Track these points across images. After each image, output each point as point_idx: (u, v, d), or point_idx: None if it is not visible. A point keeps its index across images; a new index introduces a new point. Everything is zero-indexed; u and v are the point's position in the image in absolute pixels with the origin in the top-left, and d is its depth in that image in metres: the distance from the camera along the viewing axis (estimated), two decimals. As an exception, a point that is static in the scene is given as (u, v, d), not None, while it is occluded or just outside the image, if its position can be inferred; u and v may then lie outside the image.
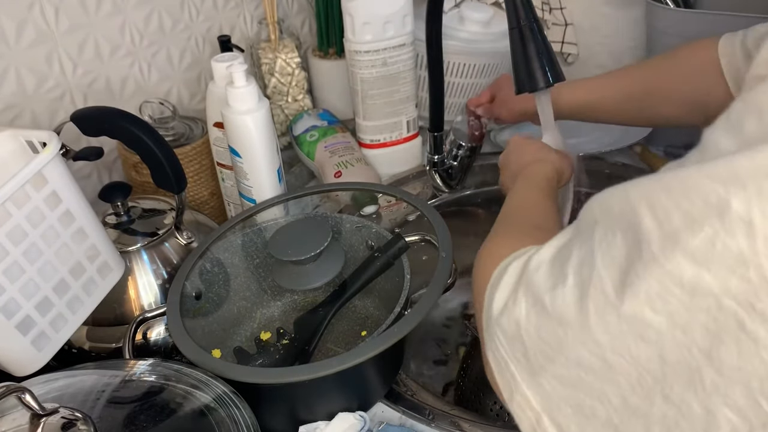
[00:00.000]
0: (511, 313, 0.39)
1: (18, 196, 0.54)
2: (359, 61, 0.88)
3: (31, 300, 0.57)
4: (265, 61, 0.99)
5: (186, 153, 0.82)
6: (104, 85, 0.86)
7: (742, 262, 0.28)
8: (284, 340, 0.67)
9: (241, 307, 0.74)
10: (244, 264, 0.74)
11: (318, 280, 0.68)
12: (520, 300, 0.38)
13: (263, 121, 0.73)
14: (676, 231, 0.30)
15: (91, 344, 0.68)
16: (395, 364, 0.67)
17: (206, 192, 0.88)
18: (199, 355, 0.57)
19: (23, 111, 0.78)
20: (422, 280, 0.72)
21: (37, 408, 0.46)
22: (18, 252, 0.55)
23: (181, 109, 0.94)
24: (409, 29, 0.88)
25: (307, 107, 1.04)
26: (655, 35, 0.92)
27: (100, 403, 0.53)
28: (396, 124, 0.95)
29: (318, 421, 0.60)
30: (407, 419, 0.62)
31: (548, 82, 0.64)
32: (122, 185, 0.72)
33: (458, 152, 0.89)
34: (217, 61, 0.77)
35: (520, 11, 0.63)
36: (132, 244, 0.70)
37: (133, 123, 0.65)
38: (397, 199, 0.87)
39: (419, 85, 0.98)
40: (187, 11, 0.94)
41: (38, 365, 0.58)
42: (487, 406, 0.73)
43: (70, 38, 0.80)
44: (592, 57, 1.11)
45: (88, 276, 0.62)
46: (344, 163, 0.89)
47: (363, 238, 0.73)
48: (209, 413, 0.52)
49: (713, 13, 0.85)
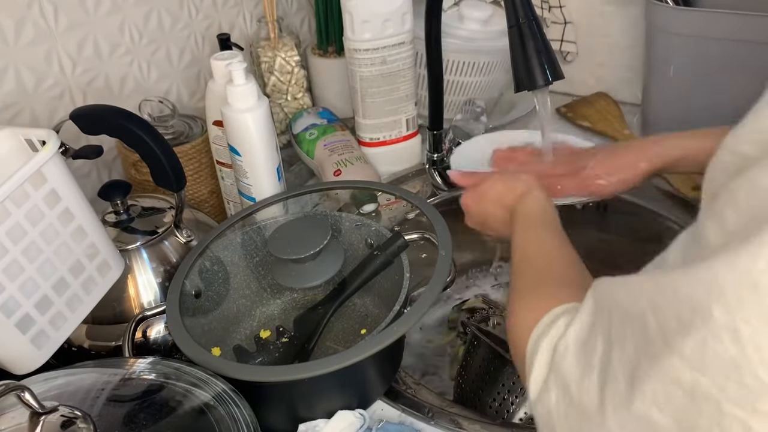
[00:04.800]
0: (544, 402, 0.40)
1: (17, 195, 0.54)
2: (358, 60, 0.88)
3: (30, 298, 0.57)
4: (264, 59, 0.99)
5: (185, 151, 0.82)
6: (104, 84, 0.86)
7: (735, 367, 0.28)
8: (284, 338, 0.67)
9: (240, 306, 0.74)
10: (243, 262, 0.74)
11: (317, 279, 0.68)
12: (551, 388, 0.40)
13: (263, 119, 0.73)
14: (672, 334, 0.30)
15: (91, 342, 0.68)
16: (395, 362, 0.67)
17: (206, 190, 0.88)
18: (198, 353, 0.57)
19: (22, 109, 0.78)
20: (422, 278, 0.73)
21: (36, 406, 0.46)
22: (17, 250, 0.55)
23: (181, 108, 0.94)
24: (408, 27, 0.88)
25: (306, 105, 1.04)
26: (654, 34, 0.92)
27: (100, 401, 0.53)
28: (395, 122, 0.95)
29: (317, 419, 0.60)
30: (407, 417, 0.62)
31: (547, 80, 0.64)
32: (122, 184, 0.72)
33: (458, 151, 0.89)
34: (217, 60, 0.77)
35: (519, 9, 0.63)
36: (131, 242, 0.70)
37: (133, 121, 0.65)
38: (397, 197, 0.87)
39: (419, 84, 0.98)
40: (186, 10, 0.93)
41: (38, 363, 0.58)
42: (486, 404, 0.73)
43: (70, 37, 0.80)
44: (591, 55, 1.11)
45: (87, 274, 0.62)
46: (344, 162, 0.89)
47: (362, 237, 0.73)
48: (209, 411, 0.52)
49: (713, 12, 0.85)
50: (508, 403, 0.71)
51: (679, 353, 0.30)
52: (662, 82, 0.94)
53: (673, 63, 0.91)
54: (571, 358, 0.39)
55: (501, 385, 0.72)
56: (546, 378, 0.41)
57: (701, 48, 0.87)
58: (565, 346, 0.39)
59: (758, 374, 0.27)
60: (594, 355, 0.36)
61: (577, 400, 0.37)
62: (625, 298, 0.34)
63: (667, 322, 0.30)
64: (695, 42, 0.87)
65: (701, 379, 0.29)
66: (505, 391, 0.71)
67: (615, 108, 1.07)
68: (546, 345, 0.42)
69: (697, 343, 0.29)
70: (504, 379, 0.72)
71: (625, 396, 0.33)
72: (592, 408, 0.35)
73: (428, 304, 0.57)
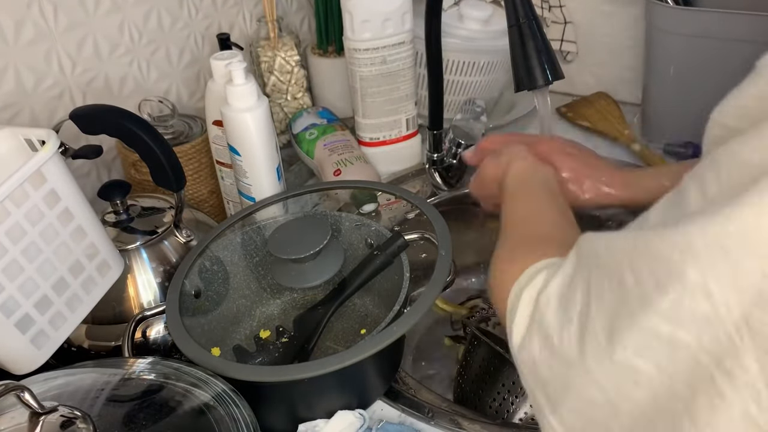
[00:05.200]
0: (527, 350, 0.41)
1: (17, 195, 0.54)
2: (358, 59, 0.88)
3: (30, 298, 0.57)
4: (264, 59, 0.99)
5: (185, 151, 0.82)
6: (103, 84, 0.86)
7: (709, 323, 0.29)
8: (284, 338, 0.67)
9: (240, 306, 0.74)
10: (243, 262, 0.74)
11: (317, 279, 0.68)
12: (534, 337, 0.41)
13: (262, 119, 0.73)
14: (649, 292, 0.32)
15: (91, 342, 0.68)
16: (395, 362, 0.67)
17: (205, 190, 0.88)
18: (198, 353, 0.57)
19: (22, 109, 0.78)
20: (422, 278, 0.72)
21: (36, 406, 0.46)
22: (17, 250, 0.55)
23: (181, 108, 0.94)
24: (408, 27, 0.88)
25: (306, 105, 1.04)
26: (654, 33, 0.92)
27: (100, 401, 0.53)
28: (395, 122, 0.95)
29: (317, 419, 0.60)
30: (407, 417, 0.62)
31: (547, 79, 0.64)
32: (121, 183, 0.72)
33: (458, 150, 0.90)
34: (217, 59, 0.77)
35: (519, 9, 0.63)
36: (131, 242, 0.70)
37: (132, 121, 0.64)
38: (397, 197, 0.87)
39: (418, 83, 0.98)
40: (186, 9, 0.93)
41: (37, 363, 0.58)
42: (486, 404, 0.73)
43: (69, 36, 0.80)
44: (591, 55, 1.11)
45: (87, 274, 0.62)
46: (343, 162, 0.89)
47: (362, 237, 0.73)
48: (208, 411, 0.52)
49: (713, 12, 0.85)
50: (508, 403, 0.71)
51: (655, 309, 0.31)
52: (662, 82, 0.94)
53: (673, 63, 0.91)
54: (552, 309, 0.40)
55: (501, 385, 0.72)
56: (528, 327, 0.42)
57: (701, 48, 0.87)
58: (547, 298, 0.41)
59: (729, 332, 0.29)
60: (573, 306, 0.38)
61: (557, 349, 0.38)
62: (605, 254, 0.36)
63: (644, 279, 0.32)
64: (695, 42, 0.87)
65: (679, 332, 0.31)
66: (505, 391, 0.71)
67: (615, 108, 1.07)
68: (528, 296, 0.43)
69: (673, 301, 0.31)
70: (504, 379, 0.72)
71: (605, 347, 0.34)
72: (573, 357, 0.37)
73: (428, 304, 0.57)
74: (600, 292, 0.35)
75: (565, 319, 0.38)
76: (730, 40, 0.84)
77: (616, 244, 0.35)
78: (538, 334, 0.41)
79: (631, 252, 0.33)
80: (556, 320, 0.39)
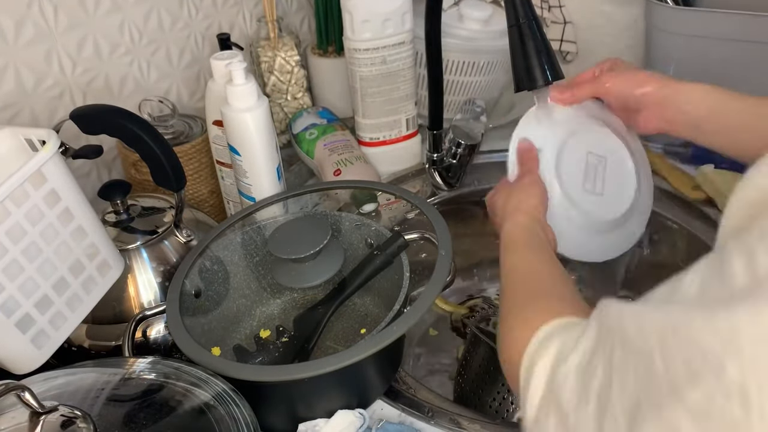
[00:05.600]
0: (542, 426, 0.40)
1: (17, 195, 0.54)
2: (358, 59, 0.88)
3: (30, 298, 0.57)
4: (264, 59, 0.99)
5: (185, 151, 0.82)
6: (103, 84, 0.86)
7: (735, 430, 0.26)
8: (284, 337, 0.67)
9: (240, 305, 0.74)
10: (243, 262, 0.74)
11: (317, 278, 0.68)
12: (550, 415, 0.39)
13: (262, 119, 0.73)
14: (679, 381, 0.28)
15: (91, 342, 0.68)
16: (395, 361, 0.67)
17: (206, 190, 0.88)
18: (198, 353, 0.57)
19: (22, 109, 0.78)
20: (421, 277, 0.73)
21: (36, 406, 0.46)
22: (17, 250, 0.55)
23: (181, 108, 0.94)
24: (408, 27, 0.88)
25: (306, 105, 1.04)
26: (654, 34, 0.92)
27: (100, 401, 0.53)
28: (395, 122, 0.95)
29: (317, 419, 0.60)
30: (407, 417, 0.62)
31: (547, 80, 0.64)
32: (121, 183, 0.72)
33: (457, 150, 0.90)
34: (217, 59, 0.77)
35: (519, 9, 0.63)
36: (131, 242, 0.70)
37: (133, 121, 0.65)
38: (397, 197, 0.87)
39: (418, 83, 0.98)
40: (186, 9, 0.93)
41: (38, 363, 0.58)
42: (486, 403, 0.73)
43: (69, 36, 0.80)
44: (591, 55, 1.11)
45: (87, 274, 0.62)
46: (343, 161, 0.89)
47: (362, 236, 0.73)
48: (209, 411, 0.52)
49: (713, 12, 0.85)
50: (508, 402, 0.71)
51: (683, 403, 0.28)
52: (662, 82, 0.94)
53: (673, 63, 0.91)
54: (571, 385, 0.38)
55: (501, 385, 0.72)
56: (544, 402, 0.40)
57: (701, 48, 0.87)
58: (565, 373, 0.38)
59: None
60: (593, 382, 0.35)
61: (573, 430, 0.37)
62: (633, 331, 0.32)
63: (676, 366, 0.29)
64: (695, 42, 0.87)
65: None
66: (505, 390, 0.71)
67: (615, 108, 1.07)
68: (542, 367, 0.42)
69: (703, 396, 0.27)
70: (504, 379, 0.72)
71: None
72: None
73: (428, 303, 0.58)
74: (624, 374, 0.32)
75: (584, 398, 0.36)
76: (730, 40, 0.84)
77: (646, 321, 0.31)
78: (555, 413, 0.39)
79: (663, 332, 0.30)
80: (574, 396, 0.37)
